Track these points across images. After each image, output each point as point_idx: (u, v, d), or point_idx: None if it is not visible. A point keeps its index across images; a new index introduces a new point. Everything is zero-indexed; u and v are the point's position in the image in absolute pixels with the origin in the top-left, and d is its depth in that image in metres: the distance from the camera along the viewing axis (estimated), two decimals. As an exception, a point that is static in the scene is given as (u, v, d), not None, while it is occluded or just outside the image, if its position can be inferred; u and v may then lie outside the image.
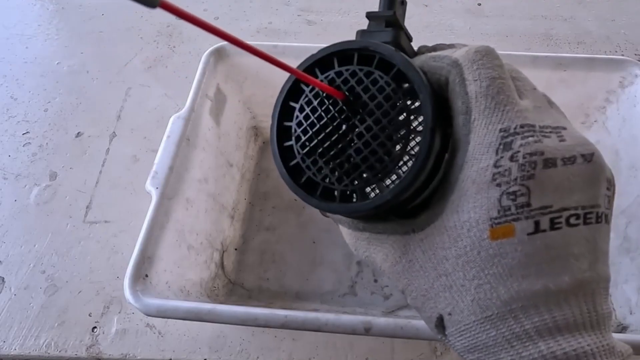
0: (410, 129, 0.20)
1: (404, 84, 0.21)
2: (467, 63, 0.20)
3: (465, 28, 0.68)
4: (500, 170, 0.19)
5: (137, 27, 0.71)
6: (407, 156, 0.20)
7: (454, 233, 0.19)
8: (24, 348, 0.45)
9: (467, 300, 0.19)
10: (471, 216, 0.19)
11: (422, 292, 0.21)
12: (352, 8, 0.72)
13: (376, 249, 0.22)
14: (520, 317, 0.18)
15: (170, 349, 0.44)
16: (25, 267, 0.49)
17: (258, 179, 0.55)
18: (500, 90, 0.20)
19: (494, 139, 0.19)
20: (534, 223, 0.18)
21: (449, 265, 0.20)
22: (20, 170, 0.57)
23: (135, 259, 0.37)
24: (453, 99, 0.21)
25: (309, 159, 0.22)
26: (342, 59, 0.22)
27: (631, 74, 0.45)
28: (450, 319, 0.20)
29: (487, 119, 0.19)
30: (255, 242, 0.50)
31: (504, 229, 0.18)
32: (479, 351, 0.19)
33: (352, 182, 0.21)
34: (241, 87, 0.52)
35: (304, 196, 0.22)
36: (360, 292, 0.47)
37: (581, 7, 0.70)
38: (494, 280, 0.19)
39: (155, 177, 0.41)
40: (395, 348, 0.43)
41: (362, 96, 0.21)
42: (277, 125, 0.23)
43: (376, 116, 0.21)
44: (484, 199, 0.19)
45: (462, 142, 0.20)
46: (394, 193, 0.20)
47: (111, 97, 0.63)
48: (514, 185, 0.18)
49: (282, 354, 0.43)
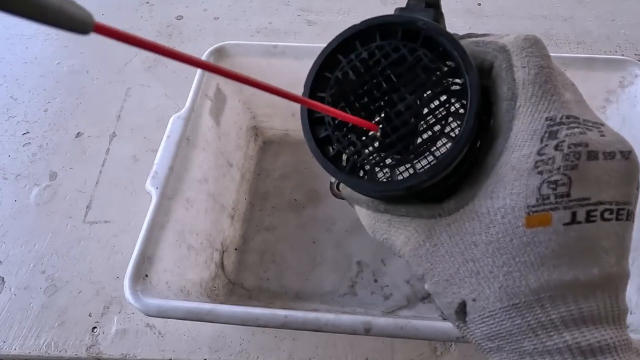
0: (450, 111, 0.20)
1: (448, 64, 0.20)
2: (516, 49, 0.20)
3: (465, 28, 0.68)
4: (543, 158, 0.18)
5: (137, 27, 0.71)
6: (445, 138, 0.20)
7: (487, 219, 0.19)
8: (24, 348, 0.45)
9: (494, 287, 0.19)
10: (507, 202, 0.19)
11: (446, 277, 0.20)
12: (352, 8, 0.72)
13: (397, 232, 0.22)
14: (547, 307, 0.18)
15: (170, 349, 0.44)
16: (25, 267, 0.49)
17: (258, 179, 0.55)
18: (548, 79, 0.20)
19: (540, 126, 0.19)
20: (571, 214, 0.18)
21: (477, 251, 0.19)
22: (20, 170, 0.57)
23: (135, 259, 0.37)
24: (498, 84, 0.21)
25: (340, 132, 0.21)
26: (385, 34, 0.21)
27: (631, 74, 0.45)
28: (474, 305, 0.20)
29: (534, 107, 0.19)
30: (255, 242, 0.50)
31: (540, 218, 0.18)
32: (501, 339, 0.19)
33: (384, 160, 0.20)
34: (241, 87, 0.52)
35: (332, 170, 0.21)
36: (360, 292, 0.47)
37: (581, 7, 0.70)
38: (524, 268, 0.19)
39: (155, 177, 0.41)
40: (395, 348, 0.43)
41: (404, 72, 0.20)
42: (309, 95, 0.21)
43: (417, 94, 0.20)
44: (523, 185, 0.19)
45: (503, 128, 0.20)
46: (430, 174, 0.19)
47: (111, 97, 0.63)
48: (557, 174, 0.18)
49: (282, 354, 0.43)
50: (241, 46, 0.49)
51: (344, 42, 0.21)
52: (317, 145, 0.21)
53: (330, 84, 0.21)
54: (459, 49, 0.20)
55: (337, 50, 0.21)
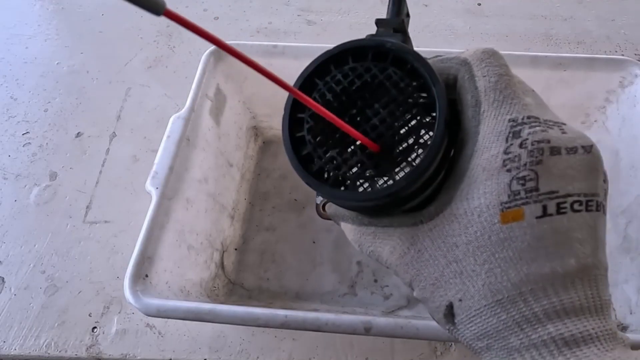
0: (422, 122, 0.21)
1: (416, 81, 0.21)
2: (476, 61, 0.22)
3: (465, 28, 0.68)
4: (510, 157, 0.19)
5: (137, 27, 0.71)
6: (420, 148, 0.21)
7: (464, 220, 0.20)
8: (24, 348, 0.45)
9: (478, 285, 0.20)
10: (482, 202, 0.20)
11: (432, 281, 0.21)
12: (352, 8, 0.72)
13: (382, 243, 0.23)
14: (529, 301, 0.19)
15: (170, 349, 0.44)
16: (25, 267, 0.49)
17: (258, 179, 0.55)
18: (507, 85, 0.21)
19: (504, 128, 0.20)
20: (542, 207, 0.19)
21: (459, 252, 0.20)
22: (20, 170, 0.57)
23: (135, 259, 0.37)
24: (462, 94, 0.22)
25: (321, 148, 0.22)
26: (356, 56, 0.22)
27: (631, 73, 0.45)
28: (461, 305, 0.20)
29: (497, 110, 0.21)
30: (255, 242, 0.50)
31: (514, 213, 0.19)
32: (489, 337, 0.19)
33: (364, 172, 0.21)
34: (241, 87, 0.52)
35: (315, 184, 0.22)
36: (360, 292, 0.47)
37: (581, 7, 0.70)
38: (504, 263, 0.19)
39: (155, 177, 0.41)
40: (395, 348, 0.43)
41: (376, 89, 0.21)
42: (290, 116, 0.23)
43: (390, 109, 0.21)
44: (494, 184, 0.19)
45: (471, 133, 0.21)
46: (409, 180, 0.20)
47: (111, 97, 0.63)
48: (524, 170, 0.19)
49: (282, 354, 0.43)
50: (241, 46, 0.49)
51: (319, 66, 0.23)
52: (299, 162, 0.22)
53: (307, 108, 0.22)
54: (425, 65, 0.21)
55: (314, 74, 0.23)
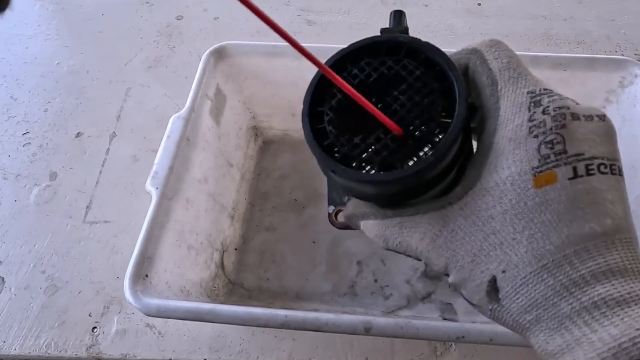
0: (441, 106, 0.21)
1: (432, 69, 0.22)
2: (485, 48, 0.23)
3: (465, 28, 0.68)
4: (535, 123, 0.20)
5: (137, 27, 0.71)
6: (441, 130, 0.21)
7: (497, 191, 0.20)
8: (24, 348, 0.45)
9: (520, 253, 0.19)
10: (512, 170, 0.20)
11: (470, 258, 0.21)
12: (352, 8, 0.72)
13: (410, 231, 0.23)
14: (575, 263, 0.19)
15: (170, 349, 0.44)
16: (25, 267, 0.49)
17: (258, 179, 0.55)
18: (519, 64, 0.22)
19: (524, 99, 0.21)
20: (572, 168, 0.19)
21: (496, 224, 0.20)
22: (20, 170, 0.57)
23: (135, 259, 0.37)
24: (477, 78, 0.23)
25: (343, 137, 0.22)
26: (371, 53, 0.23)
27: (631, 73, 0.45)
28: (505, 277, 0.20)
29: (514, 86, 0.21)
30: (255, 242, 0.50)
31: (546, 176, 0.19)
32: (537, 306, 0.19)
33: (390, 154, 0.21)
34: (241, 87, 0.52)
35: (341, 170, 0.22)
36: (360, 292, 0.47)
37: (581, 7, 0.70)
38: (544, 227, 0.19)
39: (155, 177, 0.41)
40: (395, 348, 0.43)
41: (393, 79, 0.22)
42: (309, 110, 0.23)
43: (408, 95, 0.22)
44: (523, 151, 0.20)
45: (491, 110, 0.22)
46: (437, 155, 0.20)
47: (111, 97, 0.63)
48: (550, 134, 0.20)
49: (282, 354, 0.43)
50: (241, 46, 0.49)
51: (336, 63, 0.23)
52: (323, 151, 0.22)
53: (328, 99, 0.23)
54: (440, 53, 0.22)
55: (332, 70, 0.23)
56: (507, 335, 0.33)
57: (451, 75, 0.22)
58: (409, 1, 0.72)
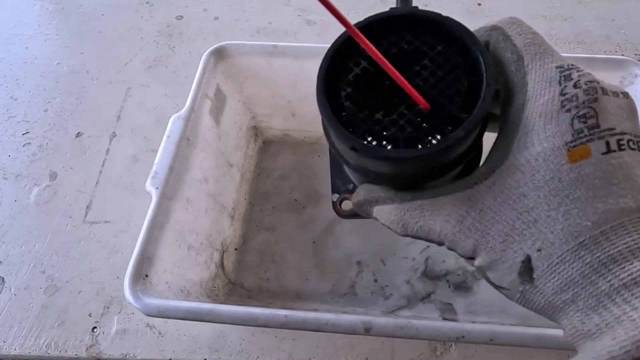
0: (465, 81, 0.21)
1: (453, 44, 0.21)
2: (507, 25, 0.23)
3: (465, 28, 0.68)
4: (567, 97, 0.20)
5: (137, 27, 0.71)
6: (466, 105, 0.21)
7: (528, 168, 0.20)
8: (24, 348, 0.45)
9: (557, 230, 0.19)
10: (544, 146, 0.19)
11: (502, 239, 0.20)
12: (352, 8, 0.72)
13: (433, 214, 0.22)
14: (612, 239, 0.18)
15: (170, 349, 0.44)
16: (25, 267, 0.49)
17: (258, 179, 0.55)
18: (543, 41, 0.22)
19: (553, 74, 0.20)
20: (605, 143, 0.19)
21: (529, 201, 0.20)
22: (20, 170, 0.57)
23: (135, 259, 0.37)
24: (500, 54, 0.22)
25: (363, 113, 0.21)
26: (388, 27, 0.22)
27: (631, 74, 0.45)
28: (540, 255, 0.19)
29: (541, 61, 0.21)
30: (255, 242, 0.50)
31: (581, 150, 0.19)
32: (575, 285, 0.19)
33: (415, 131, 0.20)
34: (241, 87, 0.52)
35: (362, 146, 0.20)
36: (360, 292, 0.47)
37: (581, 7, 0.70)
38: (580, 203, 0.19)
39: (155, 177, 0.41)
40: (395, 348, 0.43)
41: (413, 53, 0.21)
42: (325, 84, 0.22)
43: (431, 70, 0.21)
44: (555, 126, 0.19)
45: (518, 86, 0.21)
46: (467, 130, 0.20)
47: (111, 97, 0.63)
48: (583, 108, 0.19)
49: (282, 354, 0.43)
50: (241, 46, 0.49)
51: (349, 38, 0.22)
52: (342, 126, 0.21)
53: (344, 73, 0.22)
54: (461, 27, 0.21)
55: (344, 46, 0.22)
56: (507, 335, 0.33)
57: (475, 49, 0.21)
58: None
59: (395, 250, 0.48)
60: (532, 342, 0.32)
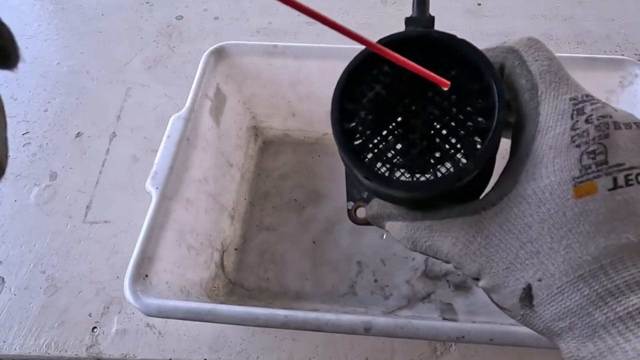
0: (478, 108, 0.21)
1: (468, 69, 0.21)
2: (524, 47, 0.22)
3: (465, 28, 0.68)
4: (578, 132, 0.20)
5: (137, 27, 0.71)
6: (477, 132, 0.21)
7: (535, 199, 0.20)
8: (24, 348, 0.45)
9: (557, 262, 0.19)
10: (552, 180, 0.20)
11: (505, 266, 0.21)
12: (352, 8, 0.72)
13: (441, 236, 0.22)
14: (610, 273, 0.19)
15: (170, 349, 0.44)
16: (25, 267, 0.49)
17: (258, 179, 0.55)
18: (559, 67, 0.22)
19: (567, 106, 0.20)
20: (612, 179, 0.19)
21: (533, 232, 0.20)
22: (20, 170, 0.57)
23: (135, 259, 0.37)
24: (515, 79, 0.22)
25: (374, 139, 0.21)
26: (402, 48, 0.21)
27: (631, 73, 0.45)
28: (541, 285, 0.20)
29: (555, 91, 0.21)
30: (255, 242, 0.50)
31: (587, 187, 0.19)
32: (572, 315, 0.19)
33: (423, 157, 0.21)
34: (241, 87, 0.52)
35: (374, 175, 0.21)
36: (360, 292, 0.47)
37: (581, 7, 0.70)
38: (582, 238, 0.19)
39: (155, 177, 0.41)
40: (395, 348, 0.43)
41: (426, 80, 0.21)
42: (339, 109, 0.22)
43: (444, 94, 0.21)
44: (564, 161, 0.20)
45: (530, 116, 0.21)
46: (477, 162, 0.20)
47: (111, 97, 0.63)
48: (593, 144, 0.19)
49: (282, 354, 0.43)
50: (241, 46, 0.49)
51: (365, 59, 0.22)
52: (352, 152, 0.21)
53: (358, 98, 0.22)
54: (476, 51, 0.21)
55: (359, 69, 0.22)
56: (507, 335, 0.33)
57: (489, 75, 0.21)
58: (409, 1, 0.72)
59: (395, 250, 0.48)
60: (532, 342, 0.32)
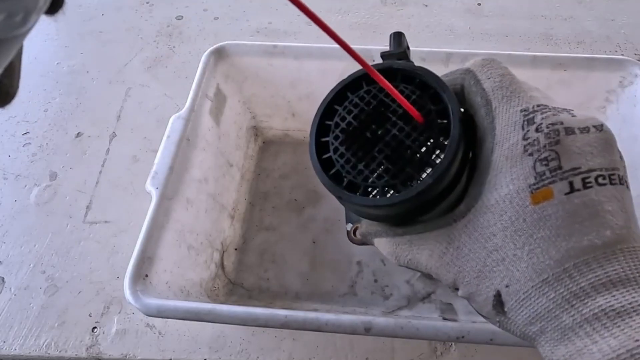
0: (438, 127, 0.23)
1: (427, 92, 0.23)
2: (478, 67, 0.24)
3: (465, 28, 0.68)
4: (529, 141, 0.21)
5: (137, 27, 0.71)
6: (440, 150, 0.22)
7: (497, 208, 0.21)
8: (24, 348, 0.45)
9: (521, 268, 0.20)
10: (510, 188, 0.21)
11: (475, 274, 0.21)
12: (352, 8, 0.72)
13: (419, 249, 0.24)
14: (574, 276, 0.19)
15: (170, 349, 0.44)
16: (25, 267, 0.49)
17: (258, 179, 0.55)
18: (511, 82, 0.23)
19: (518, 118, 0.21)
20: (568, 183, 0.20)
21: (497, 240, 0.21)
22: (20, 170, 0.57)
23: (135, 259, 0.37)
24: (471, 98, 0.24)
25: (348, 165, 0.24)
26: (369, 81, 0.24)
27: (631, 73, 0.45)
28: (509, 291, 0.20)
29: (507, 105, 0.22)
30: (255, 242, 0.50)
31: (543, 193, 0.20)
32: (541, 319, 0.20)
33: (392, 178, 0.23)
34: (241, 87, 0.52)
35: (347, 196, 0.23)
36: (360, 292, 0.47)
37: (581, 6, 0.70)
38: (543, 243, 0.20)
39: (155, 177, 0.41)
40: (395, 348, 0.43)
41: (391, 104, 0.23)
42: (315, 137, 0.24)
43: (407, 118, 0.23)
44: (519, 170, 0.21)
45: (487, 130, 0.22)
46: (434, 177, 0.21)
47: (111, 97, 0.63)
48: (545, 152, 0.20)
49: (282, 354, 0.43)
50: (241, 46, 0.49)
51: (337, 94, 0.25)
52: (329, 179, 0.24)
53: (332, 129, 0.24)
54: (433, 76, 0.23)
55: (333, 102, 0.25)
56: (507, 336, 0.33)
57: (444, 96, 0.22)
58: (409, 1, 0.72)
59: (395, 250, 0.48)
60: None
